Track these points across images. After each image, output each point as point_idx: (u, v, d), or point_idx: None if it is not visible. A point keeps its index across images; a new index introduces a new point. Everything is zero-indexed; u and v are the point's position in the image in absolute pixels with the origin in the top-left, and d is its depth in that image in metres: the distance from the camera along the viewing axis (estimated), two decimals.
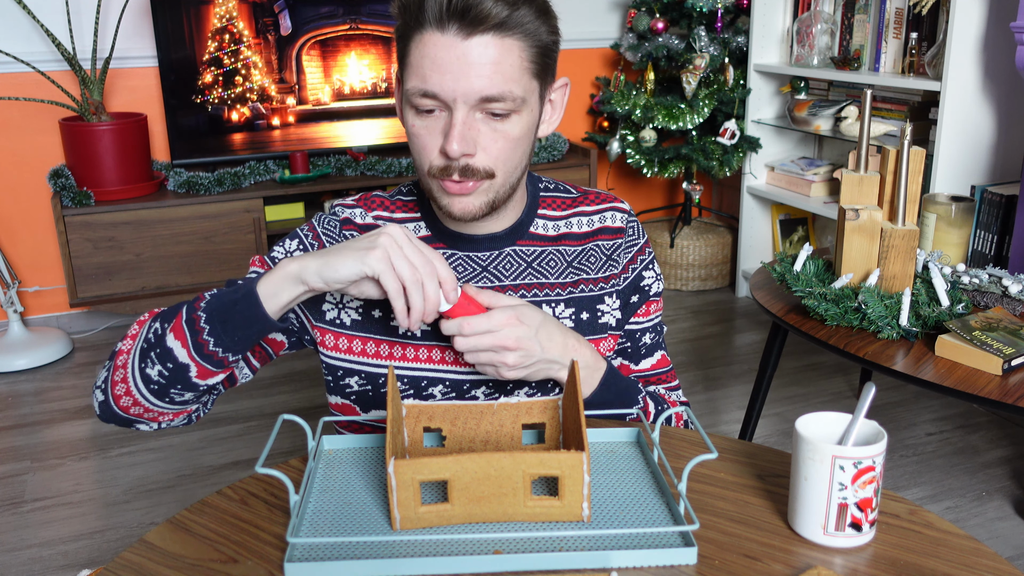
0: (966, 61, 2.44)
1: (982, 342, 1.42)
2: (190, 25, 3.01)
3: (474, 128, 0.96)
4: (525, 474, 0.80)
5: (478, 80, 0.92)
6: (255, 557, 0.82)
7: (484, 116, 0.96)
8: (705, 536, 0.83)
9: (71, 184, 2.89)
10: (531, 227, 1.11)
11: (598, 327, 1.12)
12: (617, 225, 1.14)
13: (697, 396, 2.73)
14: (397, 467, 0.79)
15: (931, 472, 2.29)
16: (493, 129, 0.96)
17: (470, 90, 0.93)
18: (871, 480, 0.80)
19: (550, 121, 1.07)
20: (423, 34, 0.93)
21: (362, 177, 3.21)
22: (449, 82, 0.92)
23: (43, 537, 2.07)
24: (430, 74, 0.93)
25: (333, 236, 1.10)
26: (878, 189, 1.67)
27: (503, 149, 0.98)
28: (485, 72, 0.92)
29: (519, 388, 1.10)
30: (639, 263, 1.14)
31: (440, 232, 1.10)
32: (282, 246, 1.10)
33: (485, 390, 1.08)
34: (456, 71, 0.92)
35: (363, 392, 1.10)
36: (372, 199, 1.13)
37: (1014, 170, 2.56)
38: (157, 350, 0.95)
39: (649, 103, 3.36)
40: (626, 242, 1.14)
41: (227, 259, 3.03)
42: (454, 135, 0.94)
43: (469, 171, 0.97)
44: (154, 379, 0.96)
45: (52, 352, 3.05)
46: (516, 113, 0.97)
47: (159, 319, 0.98)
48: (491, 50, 0.92)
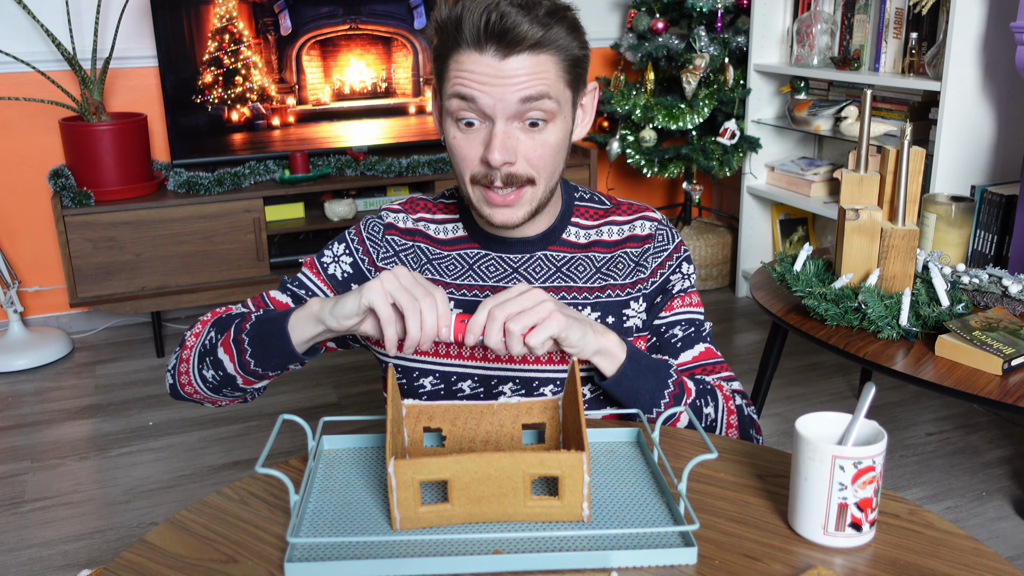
0: (966, 61, 2.44)
1: (982, 342, 1.42)
2: (190, 25, 3.01)
3: (513, 138, 1.00)
4: (525, 474, 0.80)
5: (516, 87, 0.97)
6: (255, 557, 0.82)
7: (522, 126, 1.00)
8: (705, 536, 0.83)
9: (71, 184, 2.89)
10: (563, 234, 1.15)
11: (623, 331, 1.14)
12: (646, 233, 1.17)
13: None
14: (397, 467, 0.79)
15: (931, 472, 2.29)
16: (532, 138, 1.01)
17: (510, 97, 0.97)
18: (871, 480, 0.80)
19: (583, 124, 1.11)
20: (460, 54, 0.98)
21: (362, 177, 3.21)
22: (488, 97, 0.97)
23: (43, 537, 2.07)
24: (470, 89, 0.98)
25: (376, 241, 1.15)
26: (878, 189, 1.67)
27: (543, 156, 1.02)
28: (522, 80, 0.97)
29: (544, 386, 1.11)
30: (667, 268, 1.16)
31: (476, 233, 1.15)
32: (331, 249, 1.17)
33: (512, 387, 1.11)
34: (495, 86, 0.97)
35: (435, 392, 1.13)
36: (416, 203, 1.18)
37: (1014, 170, 2.56)
38: (211, 357, 1.05)
39: (649, 103, 3.36)
40: (655, 248, 1.16)
41: (227, 259, 3.03)
42: (495, 145, 0.99)
43: (512, 179, 1.02)
44: (209, 380, 1.06)
45: (52, 352, 3.05)
46: (552, 121, 1.01)
47: (215, 327, 1.07)
48: (527, 65, 0.97)
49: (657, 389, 1.05)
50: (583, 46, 1.03)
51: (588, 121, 1.11)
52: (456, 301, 1.12)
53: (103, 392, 2.83)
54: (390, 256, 1.15)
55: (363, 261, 1.15)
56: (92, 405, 2.74)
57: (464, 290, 1.13)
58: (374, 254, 1.15)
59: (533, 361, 1.11)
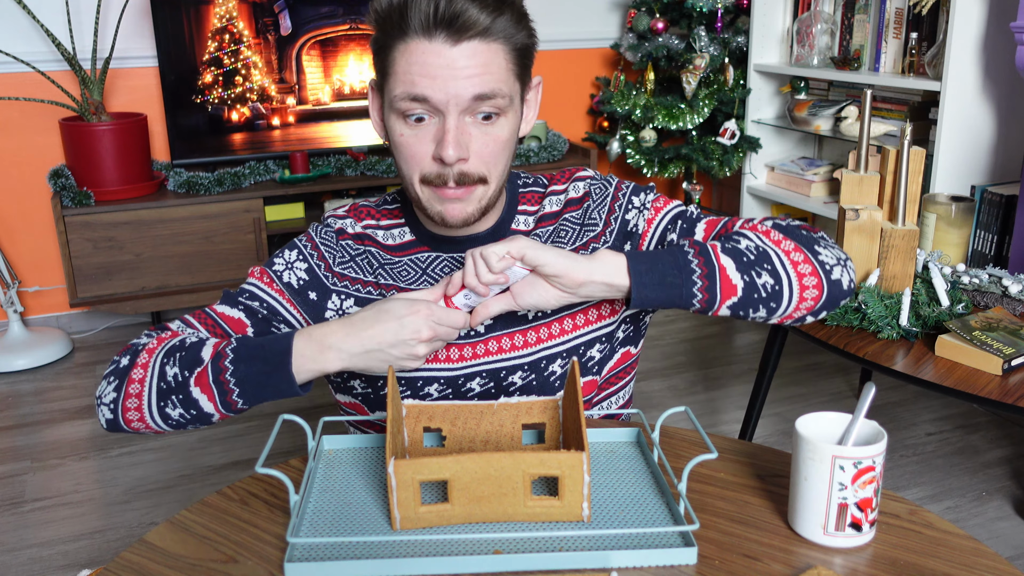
0: (966, 61, 2.44)
1: (982, 342, 1.42)
2: (190, 25, 3.01)
3: (466, 133, 0.97)
4: (525, 474, 0.80)
5: (468, 82, 0.94)
6: (255, 557, 0.82)
7: (474, 120, 0.97)
8: (705, 536, 0.83)
9: (71, 184, 2.89)
10: (512, 224, 1.13)
11: None
12: (581, 194, 1.13)
13: (697, 396, 2.73)
14: (397, 467, 0.79)
15: (931, 472, 2.29)
16: (484, 133, 0.98)
17: (463, 91, 0.94)
18: (871, 480, 0.80)
19: (528, 119, 1.08)
20: (408, 43, 0.94)
21: (362, 177, 3.21)
22: (440, 87, 0.93)
23: (43, 537, 2.07)
24: (420, 80, 0.94)
25: (331, 246, 1.12)
26: (878, 189, 1.67)
27: (494, 152, 0.99)
28: (474, 72, 0.94)
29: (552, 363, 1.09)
30: (618, 210, 1.12)
31: (424, 236, 1.12)
32: (282, 257, 1.11)
33: (522, 375, 1.09)
34: (446, 76, 0.93)
35: (365, 394, 1.12)
36: (360, 209, 1.15)
37: (1014, 170, 2.56)
38: (180, 396, 0.97)
39: (649, 103, 3.36)
40: (594, 202, 1.12)
41: (227, 259, 3.03)
42: (449, 140, 0.95)
43: (464, 177, 0.99)
44: (174, 418, 0.98)
45: (52, 352, 3.05)
46: (503, 115, 0.99)
47: (176, 363, 0.97)
48: (478, 54, 0.94)
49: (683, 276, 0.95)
50: (530, 35, 1.00)
51: (533, 117, 1.08)
52: None
53: None
54: (346, 261, 1.11)
55: (319, 267, 1.11)
56: (92, 405, 2.74)
57: None
58: (330, 259, 1.11)
59: (536, 342, 1.08)
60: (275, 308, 1.09)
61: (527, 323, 1.09)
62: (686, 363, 2.96)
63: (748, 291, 0.96)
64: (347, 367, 0.96)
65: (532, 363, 1.09)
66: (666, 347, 3.09)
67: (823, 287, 0.99)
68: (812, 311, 1.00)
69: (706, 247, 0.97)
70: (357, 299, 1.10)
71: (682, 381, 2.83)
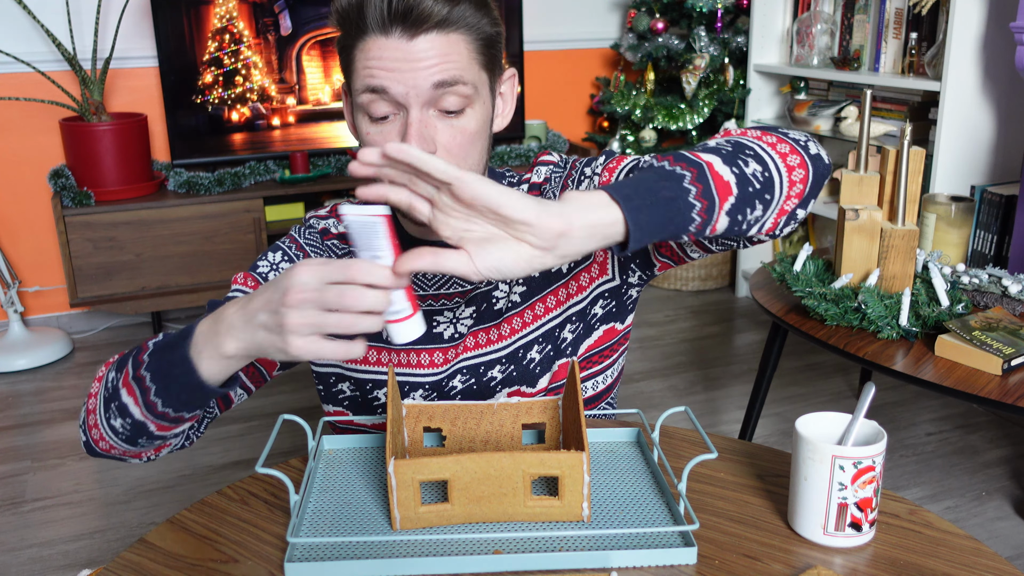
0: (966, 61, 2.44)
1: (982, 342, 1.42)
2: (190, 25, 3.01)
3: (431, 126, 0.94)
4: (525, 474, 0.80)
5: (427, 72, 0.91)
6: (255, 557, 0.82)
7: (439, 114, 0.94)
8: (705, 536, 0.83)
9: (71, 184, 2.89)
10: None
11: (552, 277, 1.07)
12: (542, 179, 1.09)
13: (697, 396, 2.73)
14: (397, 467, 0.79)
15: (931, 472, 2.29)
16: (450, 126, 0.95)
17: (421, 82, 0.91)
18: (871, 480, 0.80)
19: (503, 115, 1.05)
20: (367, 40, 0.92)
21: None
22: (399, 84, 0.91)
23: (43, 537, 2.07)
24: (378, 72, 0.92)
25: (316, 247, 1.10)
26: (878, 189, 1.67)
27: (462, 145, 0.96)
28: (433, 63, 0.91)
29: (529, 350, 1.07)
30: (571, 185, 1.06)
31: (405, 239, 1.08)
32: (265, 259, 1.09)
33: (500, 368, 1.07)
34: (405, 69, 0.91)
35: (354, 398, 1.11)
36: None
37: (1014, 170, 2.56)
38: (115, 403, 0.89)
39: (649, 103, 3.36)
40: (552, 185, 1.08)
41: (227, 259, 3.03)
42: (412, 134, 0.92)
43: None
44: (119, 430, 0.91)
45: (52, 352, 3.05)
46: (470, 107, 0.95)
47: (115, 367, 0.92)
48: (437, 45, 0.91)
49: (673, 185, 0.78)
50: (494, 23, 0.97)
51: (509, 111, 1.05)
52: None
53: None
54: None
55: None
56: None
57: None
58: None
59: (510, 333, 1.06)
60: None
61: (500, 316, 1.06)
62: (686, 363, 2.96)
63: (742, 184, 0.81)
64: (242, 348, 0.80)
65: (509, 355, 1.07)
66: (666, 347, 3.09)
67: (807, 164, 0.88)
68: (802, 197, 0.88)
69: (681, 153, 0.82)
70: None
71: (682, 381, 2.83)
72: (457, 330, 1.07)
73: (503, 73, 1.03)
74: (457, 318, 1.07)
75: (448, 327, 1.07)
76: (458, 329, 1.07)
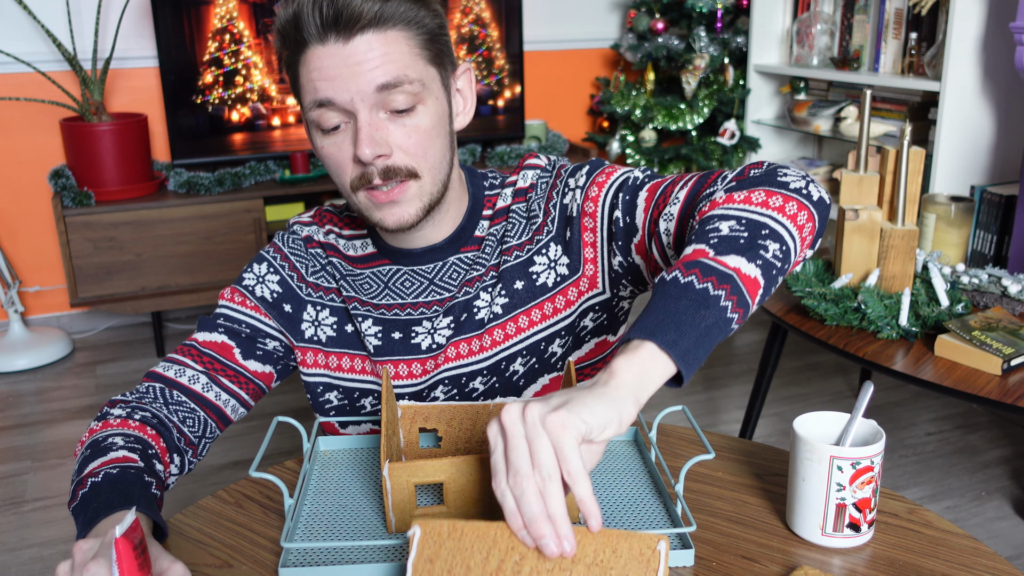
0: (966, 61, 2.43)
1: (981, 342, 1.42)
2: (190, 25, 3.01)
3: (382, 128, 0.92)
4: None
5: (369, 74, 0.90)
6: (249, 562, 0.81)
7: (389, 115, 0.93)
8: (702, 537, 0.82)
9: (71, 184, 2.89)
10: (475, 230, 1.06)
11: (537, 290, 1.04)
12: (528, 183, 1.06)
13: (697, 396, 2.73)
14: (392, 470, 0.78)
15: (931, 472, 2.29)
16: (402, 125, 0.93)
17: (365, 86, 0.90)
18: (869, 480, 0.80)
19: (465, 112, 1.03)
20: (307, 53, 0.91)
21: None
22: (341, 86, 0.90)
23: (44, 537, 2.07)
24: (321, 84, 0.91)
25: (301, 254, 1.09)
26: (878, 189, 1.67)
27: (419, 143, 0.94)
28: (374, 64, 0.90)
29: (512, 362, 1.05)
30: (556, 196, 1.04)
31: (385, 249, 1.08)
32: (251, 271, 1.08)
33: (482, 379, 1.06)
34: (346, 74, 0.90)
35: (341, 407, 1.10)
36: (325, 214, 1.12)
37: (1013, 170, 2.56)
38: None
39: (649, 103, 3.36)
40: (538, 192, 1.06)
41: (227, 259, 3.02)
42: (362, 137, 0.91)
43: (391, 172, 0.93)
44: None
45: (52, 352, 3.05)
46: (420, 104, 0.93)
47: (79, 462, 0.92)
48: (375, 45, 0.90)
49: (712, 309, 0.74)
50: (435, 15, 0.95)
51: (470, 108, 1.03)
52: (376, 320, 1.06)
53: (103, 392, 2.83)
54: (317, 270, 1.08)
55: (292, 278, 1.08)
56: (92, 405, 2.74)
57: (383, 310, 1.06)
58: (301, 269, 1.08)
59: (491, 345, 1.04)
60: (255, 326, 1.06)
61: (482, 327, 1.04)
62: None
63: (767, 274, 0.79)
64: None
65: (491, 367, 1.05)
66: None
67: (814, 216, 0.86)
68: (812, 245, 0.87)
69: (703, 263, 0.76)
70: (332, 309, 1.08)
71: None
72: (435, 340, 1.05)
73: (456, 68, 1.00)
74: (435, 328, 1.05)
75: (426, 337, 1.05)
76: (436, 340, 1.05)
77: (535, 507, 0.64)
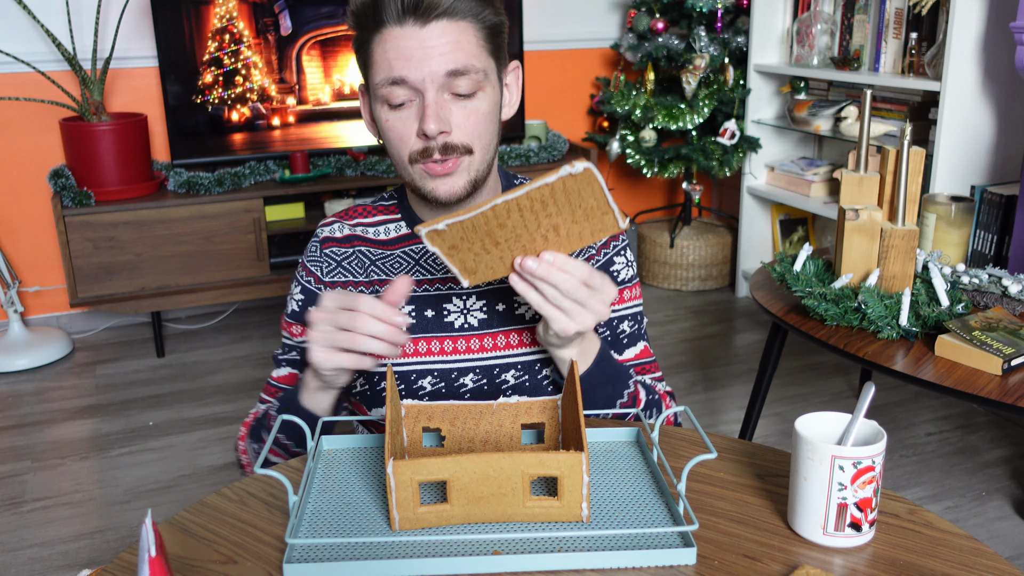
0: (966, 61, 2.44)
1: (982, 342, 1.42)
2: (190, 25, 3.01)
3: (446, 108, 1.01)
4: (524, 474, 0.80)
5: (441, 59, 0.99)
6: (254, 558, 0.82)
7: (452, 97, 1.01)
8: (704, 536, 0.83)
9: (71, 184, 2.89)
10: None
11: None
12: None
13: (697, 396, 2.73)
14: (396, 468, 0.79)
15: (931, 472, 2.29)
16: (463, 107, 1.02)
17: (436, 68, 0.99)
18: (871, 480, 0.80)
19: (510, 104, 1.12)
20: (383, 33, 1.00)
21: (362, 177, 3.21)
22: (415, 66, 0.99)
23: (43, 537, 2.07)
24: (397, 63, 0.99)
25: (316, 259, 1.16)
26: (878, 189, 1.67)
27: (476, 124, 1.03)
28: (447, 50, 0.99)
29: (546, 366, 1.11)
30: (611, 248, 1.17)
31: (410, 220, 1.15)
32: (292, 298, 1.18)
33: (515, 373, 1.11)
34: (420, 56, 0.98)
35: (363, 392, 1.14)
36: (352, 210, 1.19)
37: (1014, 170, 2.56)
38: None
39: (649, 103, 3.36)
40: None
41: (227, 259, 3.03)
42: (429, 115, 0.99)
43: (449, 148, 1.02)
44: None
45: (52, 352, 3.05)
46: (481, 90, 1.03)
47: (252, 436, 1.17)
48: (448, 32, 0.99)
49: (614, 396, 1.07)
50: (498, 13, 1.05)
51: (515, 101, 1.13)
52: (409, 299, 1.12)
53: (103, 392, 2.83)
54: (333, 268, 1.15)
55: (309, 282, 1.16)
56: (92, 405, 2.74)
57: (414, 287, 1.13)
58: (318, 272, 1.16)
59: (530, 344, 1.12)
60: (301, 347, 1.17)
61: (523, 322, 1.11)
62: (686, 363, 2.96)
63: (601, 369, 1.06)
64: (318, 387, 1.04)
65: (526, 364, 1.11)
66: (666, 347, 3.09)
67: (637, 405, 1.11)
68: (629, 404, 1.10)
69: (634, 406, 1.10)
70: None
71: (682, 381, 2.83)
72: (468, 321, 1.11)
73: (508, 64, 1.10)
74: (467, 308, 1.11)
75: (458, 317, 1.11)
76: (468, 320, 1.11)
77: None
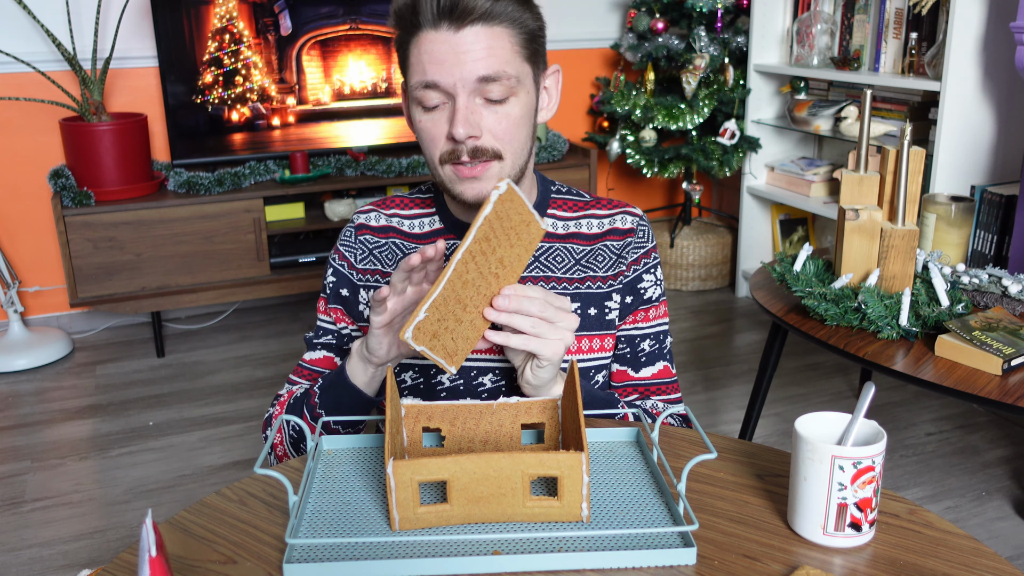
0: (966, 61, 2.44)
1: (982, 342, 1.42)
2: (190, 25, 3.01)
3: (476, 112, 1.01)
4: (524, 474, 0.80)
5: (473, 64, 0.99)
6: (254, 558, 0.82)
7: (484, 102, 1.02)
8: (704, 536, 0.83)
9: (71, 184, 2.89)
10: None
11: (605, 323, 1.15)
12: (627, 227, 1.18)
13: (697, 396, 2.73)
14: (396, 468, 0.79)
15: (931, 472, 2.29)
16: (494, 112, 1.02)
17: (467, 74, 0.99)
18: (871, 480, 0.80)
19: (548, 108, 1.12)
20: (419, 36, 1.01)
21: (362, 177, 3.21)
22: (447, 71, 0.99)
23: (43, 537, 2.07)
24: (430, 67, 1.00)
25: (351, 245, 1.18)
26: (878, 189, 1.67)
27: (507, 129, 1.03)
28: (479, 56, 0.99)
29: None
30: (642, 265, 1.18)
31: (452, 225, 1.16)
32: (325, 279, 1.20)
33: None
34: (452, 60, 0.99)
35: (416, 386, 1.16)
36: (390, 200, 1.21)
37: (1014, 170, 2.56)
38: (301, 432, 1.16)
39: (649, 103, 3.36)
40: (635, 242, 1.17)
41: (227, 259, 3.03)
42: (459, 119, 1.00)
43: (478, 152, 1.03)
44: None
45: (52, 352, 3.05)
46: (513, 95, 1.03)
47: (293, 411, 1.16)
48: (482, 38, 0.99)
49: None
50: (537, 18, 1.05)
51: (554, 105, 1.13)
52: None
53: (103, 392, 2.83)
54: (365, 255, 1.17)
55: (343, 266, 1.18)
56: (92, 405, 2.74)
57: None
58: (351, 258, 1.18)
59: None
60: (339, 332, 1.20)
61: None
62: (686, 363, 2.96)
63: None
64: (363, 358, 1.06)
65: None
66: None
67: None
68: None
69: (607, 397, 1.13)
70: None
71: (682, 381, 2.83)
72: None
73: (547, 68, 1.10)
74: None
75: None
76: None
77: None
